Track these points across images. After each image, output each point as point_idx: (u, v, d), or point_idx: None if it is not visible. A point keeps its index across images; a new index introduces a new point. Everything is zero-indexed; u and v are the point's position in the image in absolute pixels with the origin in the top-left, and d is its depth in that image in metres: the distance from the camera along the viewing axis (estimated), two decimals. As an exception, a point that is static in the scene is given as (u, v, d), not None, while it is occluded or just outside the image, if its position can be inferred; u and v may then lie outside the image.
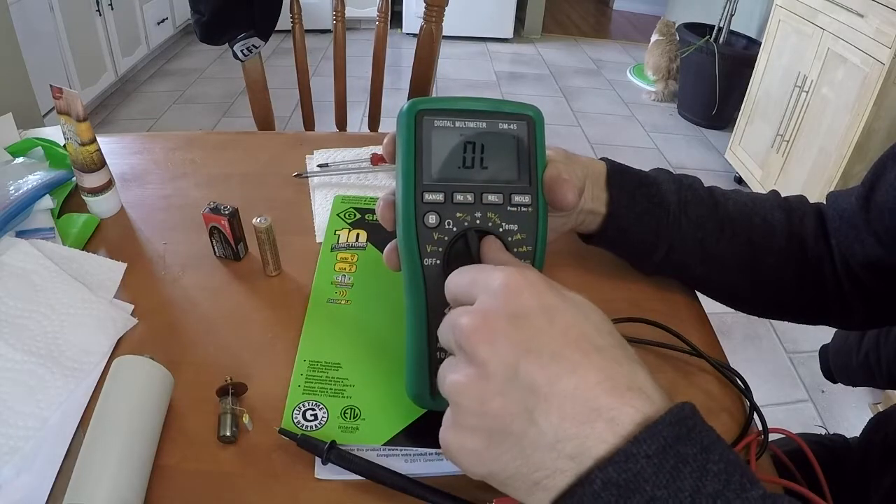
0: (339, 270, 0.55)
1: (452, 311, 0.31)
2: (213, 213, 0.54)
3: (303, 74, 1.16)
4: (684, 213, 0.51)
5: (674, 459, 0.25)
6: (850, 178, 1.80)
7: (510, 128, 0.39)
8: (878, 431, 0.55)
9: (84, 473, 0.35)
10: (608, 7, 4.98)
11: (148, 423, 0.38)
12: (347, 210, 0.63)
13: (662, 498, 0.25)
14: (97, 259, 0.55)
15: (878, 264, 0.49)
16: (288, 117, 2.69)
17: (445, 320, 0.31)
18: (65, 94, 0.57)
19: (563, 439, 0.26)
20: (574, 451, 0.26)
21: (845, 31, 1.82)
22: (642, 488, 0.25)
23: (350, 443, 0.40)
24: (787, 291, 0.54)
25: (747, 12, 2.87)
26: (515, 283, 0.29)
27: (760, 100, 2.33)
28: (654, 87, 3.23)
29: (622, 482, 0.25)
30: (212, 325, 0.50)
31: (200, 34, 1.04)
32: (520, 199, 0.39)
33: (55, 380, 0.43)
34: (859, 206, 0.50)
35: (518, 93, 3.24)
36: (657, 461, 0.25)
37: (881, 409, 0.72)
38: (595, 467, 0.26)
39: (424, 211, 0.37)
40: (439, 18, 1.08)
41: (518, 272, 0.30)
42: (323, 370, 0.45)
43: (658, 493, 0.25)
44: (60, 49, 2.33)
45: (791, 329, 1.74)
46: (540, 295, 0.29)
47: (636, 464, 0.25)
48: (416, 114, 0.38)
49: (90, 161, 0.59)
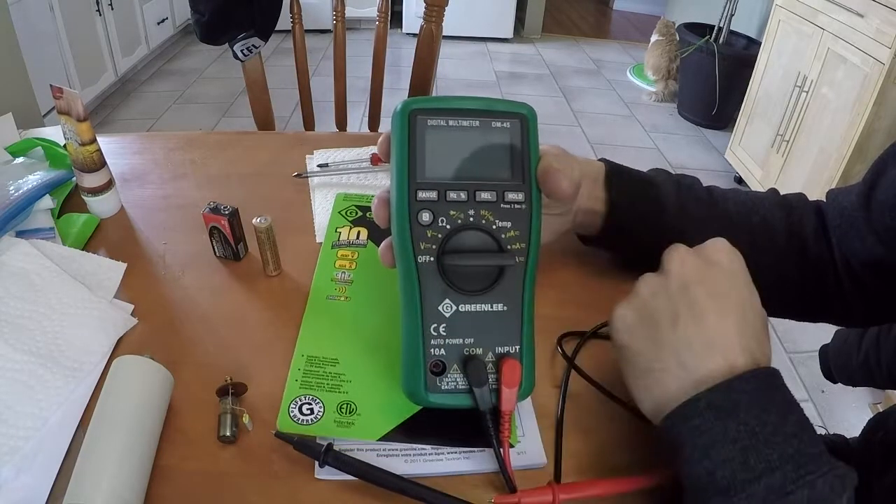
0: (339, 267, 0.55)
1: None
2: (213, 213, 0.54)
3: (303, 74, 1.16)
4: (683, 213, 0.51)
5: (764, 400, 0.32)
6: (850, 177, 1.80)
7: (503, 126, 0.40)
8: (878, 431, 0.55)
9: (84, 473, 0.35)
10: (608, 7, 4.98)
11: (148, 422, 0.38)
12: (349, 208, 0.63)
13: (751, 425, 0.31)
14: (97, 259, 0.55)
15: (878, 262, 0.49)
16: (288, 117, 2.69)
17: None
18: (65, 94, 0.57)
19: (685, 350, 0.34)
20: (688, 362, 0.34)
21: (845, 31, 1.82)
22: (737, 414, 0.32)
23: (345, 437, 0.40)
24: (787, 289, 0.54)
25: (747, 12, 2.87)
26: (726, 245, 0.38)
27: (760, 100, 2.33)
28: (654, 87, 3.23)
29: (722, 406, 0.32)
30: (212, 325, 0.50)
31: (200, 34, 1.04)
32: (513, 196, 0.39)
33: (55, 380, 0.43)
34: (860, 203, 0.50)
35: (518, 93, 3.24)
36: (752, 397, 0.32)
37: (881, 409, 0.72)
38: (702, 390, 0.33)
39: (418, 209, 0.38)
40: (439, 18, 1.08)
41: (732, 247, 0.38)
42: (320, 365, 0.45)
43: (749, 421, 0.31)
44: (60, 49, 2.33)
45: (791, 329, 1.74)
46: (733, 261, 0.37)
47: (736, 395, 0.32)
48: (410, 113, 0.39)
49: (90, 161, 0.59)
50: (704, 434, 0.32)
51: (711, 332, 0.35)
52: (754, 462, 0.30)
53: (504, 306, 0.39)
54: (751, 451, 0.31)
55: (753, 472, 0.30)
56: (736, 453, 0.31)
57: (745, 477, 0.30)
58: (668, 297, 0.36)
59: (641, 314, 0.37)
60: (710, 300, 0.35)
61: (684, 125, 2.99)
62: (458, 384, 0.38)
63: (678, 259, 0.38)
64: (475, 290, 0.38)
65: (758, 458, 0.31)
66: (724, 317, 0.35)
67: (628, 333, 0.37)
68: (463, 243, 0.38)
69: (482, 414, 0.38)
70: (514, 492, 0.37)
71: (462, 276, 0.38)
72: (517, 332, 0.39)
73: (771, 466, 0.30)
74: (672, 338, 0.35)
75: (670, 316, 0.36)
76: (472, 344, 0.38)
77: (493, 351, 0.39)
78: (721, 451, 0.31)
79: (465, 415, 0.39)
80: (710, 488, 0.31)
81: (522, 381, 0.38)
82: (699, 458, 0.32)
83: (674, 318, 0.35)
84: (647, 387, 0.36)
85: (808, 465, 0.30)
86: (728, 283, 0.36)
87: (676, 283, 0.36)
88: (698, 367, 0.34)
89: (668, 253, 0.38)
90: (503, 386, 0.38)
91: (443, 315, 0.38)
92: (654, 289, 0.37)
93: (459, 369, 0.38)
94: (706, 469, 0.31)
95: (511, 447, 0.39)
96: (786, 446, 0.31)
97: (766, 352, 0.36)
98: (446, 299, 0.38)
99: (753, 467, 0.30)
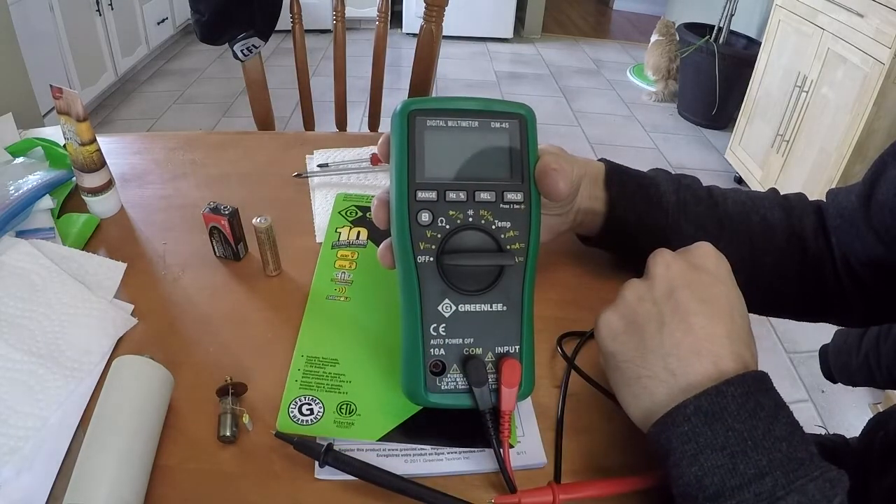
0: (339, 268, 0.55)
1: None
2: (213, 213, 0.54)
3: (303, 74, 1.16)
4: (683, 213, 0.51)
5: (753, 404, 0.32)
6: (850, 177, 1.80)
7: (502, 126, 0.40)
8: (878, 431, 0.55)
9: (84, 473, 0.35)
10: (608, 7, 4.98)
11: (148, 423, 0.38)
12: (349, 208, 0.63)
13: (739, 430, 0.31)
14: (97, 259, 0.55)
15: (878, 262, 0.49)
16: (288, 117, 2.69)
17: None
18: (65, 94, 0.57)
19: (672, 355, 0.34)
20: (676, 368, 0.34)
21: (845, 31, 1.82)
22: (724, 419, 0.31)
23: (345, 437, 0.40)
24: (787, 289, 0.54)
25: (747, 12, 2.87)
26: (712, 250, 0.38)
27: (760, 100, 2.33)
28: (654, 87, 3.23)
29: (710, 411, 0.32)
30: (212, 325, 0.50)
31: (200, 34, 1.04)
32: (512, 196, 0.39)
33: (55, 380, 0.43)
34: (859, 203, 0.50)
35: (518, 93, 3.24)
36: (740, 401, 0.31)
37: (881, 409, 0.72)
38: (690, 395, 0.32)
39: (418, 209, 0.38)
40: (439, 18, 1.08)
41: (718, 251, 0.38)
42: (320, 365, 0.45)
43: (736, 426, 0.31)
44: (60, 49, 2.33)
45: (791, 329, 1.74)
46: (719, 266, 0.37)
47: (724, 399, 0.32)
48: (409, 114, 0.39)
49: (90, 161, 0.59)
50: (692, 440, 0.32)
51: (699, 338, 0.34)
52: (743, 468, 0.30)
53: (504, 306, 0.39)
54: (740, 456, 0.30)
55: (743, 477, 0.30)
56: (725, 459, 0.31)
57: (734, 483, 0.30)
58: (653, 301, 0.36)
59: (627, 320, 0.37)
60: (697, 304, 0.35)
61: (684, 125, 2.99)
62: (458, 384, 0.38)
63: (663, 263, 0.37)
64: (475, 290, 0.38)
65: (747, 463, 0.30)
66: (712, 321, 0.35)
67: (614, 340, 0.37)
68: (462, 243, 0.38)
69: (482, 414, 0.38)
70: (514, 492, 0.37)
71: (462, 276, 0.38)
72: (517, 332, 0.39)
73: (761, 472, 0.30)
74: (659, 344, 0.35)
75: (656, 321, 0.35)
76: (472, 344, 0.38)
77: (492, 351, 0.39)
78: (710, 458, 0.31)
79: (464, 415, 0.39)
80: (699, 495, 0.31)
81: (522, 381, 0.38)
82: (688, 465, 0.32)
83: (660, 324, 0.35)
84: (636, 394, 0.35)
85: (798, 470, 0.30)
86: (715, 287, 0.36)
87: (662, 288, 0.36)
88: (687, 373, 0.34)
89: (653, 257, 0.38)
90: (503, 386, 0.38)
91: (442, 315, 0.38)
92: (640, 293, 0.37)
93: (459, 369, 0.38)
94: (695, 475, 0.31)
95: (511, 447, 0.39)
96: (775, 451, 0.30)
97: (754, 355, 0.35)
98: (446, 299, 0.38)
99: (743, 473, 0.30)
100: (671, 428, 0.32)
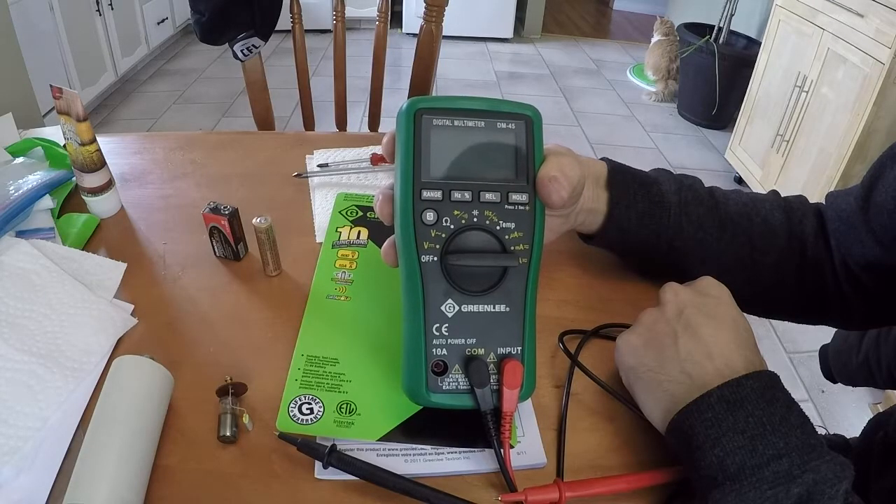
0: (339, 267, 0.55)
1: None
2: (213, 213, 0.54)
3: (303, 74, 1.16)
4: (684, 214, 0.51)
5: (770, 395, 0.35)
6: (850, 178, 1.80)
7: (508, 127, 0.40)
8: (878, 431, 0.55)
9: (84, 473, 0.35)
10: (608, 7, 4.98)
11: (148, 423, 0.38)
12: (349, 207, 0.63)
13: (759, 416, 0.34)
14: (97, 259, 0.55)
15: (876, 264, 0.49)
16: (288, 117, 2.69)
17: None
18: (65, 94, 0.56)
19: (687, 361, 0.38)
20: (692, 371, 0.38)
21: (845, 31, 1.82)
22: (745, 406, 0.35)
23: (345, 437, 0.40)
24: (786, 291, 0.54)
25: (747, 12, 2.87)
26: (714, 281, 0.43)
27: (760, 100, 2.33)
28: (654, 87, 3.23)
29: (732, 399, 0.35)
30: (212, 325, 0.50)
31: (200, 34, 1.04)
32: (517, 197, 0.39)
33: (55, 380, 0.43)
34: (858, 206, 0.50)
35: (518, 93, 3.24)
36: (758, 392, 0.35)
37: (881, 409, 0.72)
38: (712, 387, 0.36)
39: (422, 208, 0.38)
40: (439, 18, 1.08)
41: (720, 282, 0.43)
42: (320, 365, 0.45)
43: (756, 412, 0.34)
44: (60, 49, 2.33)
45: (791, 329, 1.74)
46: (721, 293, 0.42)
47: (743, 389, 0.35)
48: (416, 112, 0.38)
49: (90, 161, 0.59)
50: (716, 425, 0.35)
51: (709, 344, 0.38)
52: (762, 449, 0.33)
53: (506, 307, 0.39)
54: (759, 439, 0.34)
55: (762, 457, 0.33)
56: (745, 442, 0.34)
57: (754, 462, 0.33)
58: (666, 321, 0.41)
59: (645, 338, 0.42)
60: (704, 319, 0.40)
61: (684, 125, 2.99)
62: (460, 384, 0.38)
63: (672, 291, 0.43)
64: (478, 290, 0.38)
65: (766, 445, 0.33)
66: (719, 331, 0.39)
67: (634, 355, 0.42)
68: (466, 243, 0.38)
69: (483, 414, 0.38)
70: (514, 492, 0.37)
71: (465, 277, 0.38)
72: (519, 334, 0.39)
73: (778, 453, 0.33)
74: (674, 353, 0.39)
75: (671, 336, 0.40)
76: (474, 344, 0.38)
77: (494, 352, 0.39)
78: (731, 440, 0.34)
79: (464, 415, 0.39)
80: (720, 474, 0.34)
81: (524, 383, 0.38)
82: (711, 447, 0.34)
83: (674, 338, 0.40)
84: (658, 398, 0.39)
85: (811, 453, 0.33)
86: (719, 308, 0.41)
87: (673, 310, 0.41)
88: (701, 374, 0.38)
89: (663, 289, 0.44)
90: (504, 387, 0.38)
91: (445, 315, 0.38)
92: (654, 317, 0.42)
93: (461, 369, 0.38)
94: (717, 457, 0.34)
95: (511, 447, 0.39)
96: (791, 436, 0.34)
97: (762, 361, 0.39)
98: (449, 299, 0.38)
99: (762, 454, 0.33)
100: (695, 415, 0.36)
